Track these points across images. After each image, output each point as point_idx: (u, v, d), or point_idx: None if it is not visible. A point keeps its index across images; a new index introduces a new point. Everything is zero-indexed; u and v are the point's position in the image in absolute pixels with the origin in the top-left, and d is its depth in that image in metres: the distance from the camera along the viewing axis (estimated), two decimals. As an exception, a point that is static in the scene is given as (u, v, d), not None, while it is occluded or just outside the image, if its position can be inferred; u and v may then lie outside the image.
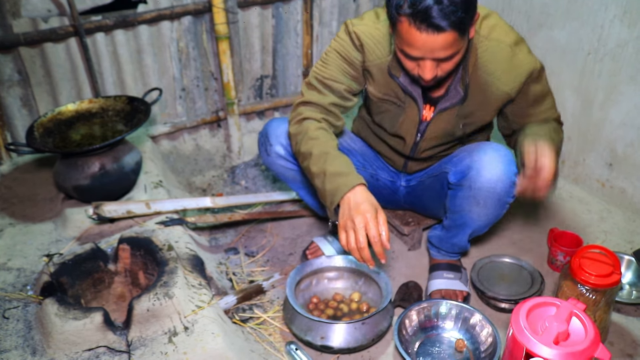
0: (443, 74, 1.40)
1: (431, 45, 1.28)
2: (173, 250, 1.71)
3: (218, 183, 2.66)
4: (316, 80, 1.59)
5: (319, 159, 1.43)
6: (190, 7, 2.40)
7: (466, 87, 1.53)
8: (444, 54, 1.31)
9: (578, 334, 1.29)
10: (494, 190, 1.49)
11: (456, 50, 1.33)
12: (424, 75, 1.38)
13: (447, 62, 1.36)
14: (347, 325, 1.56)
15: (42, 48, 2.23)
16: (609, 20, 2.00)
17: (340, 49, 1.58)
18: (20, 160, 2.34)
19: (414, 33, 1.27)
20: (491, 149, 1.50)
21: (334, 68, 1.58)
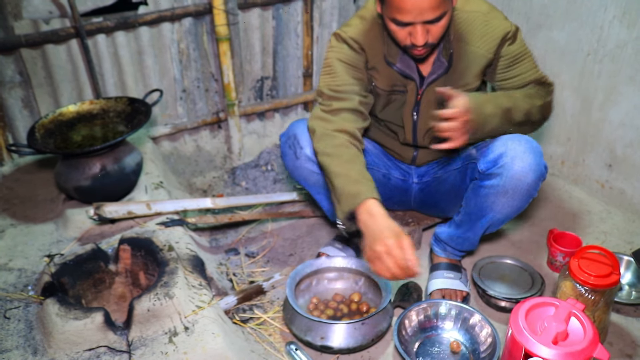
0: (433, 40, 1.46)
1: (420, 5, 1.35)
2: (173, 250, 1.71)
3: (218, 184, 2.66)
4: (331, 90, 1.60)
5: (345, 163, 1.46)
6: (191, 8, 2.41)
7: (450, 55, 1.59)
8: (432, 15, 1.38)
9: (577, 334, 1.29)
10: (525, 180, 1.50)
11: (444, 11, 1.40)
12: (416, 41, 1.43)
13: (436, 25, 1.42)
14: (347, 326, 1.57)
15: (43, 49, 2.24)
16: (608, 21, 2.00)
17: (342, 57, 1.61)
18: (22, 161, 2.34)
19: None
20: (525, 140, 1.52)
21: (344, 76, 1.61)
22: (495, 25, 1.57)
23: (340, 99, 1.60)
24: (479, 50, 1.59)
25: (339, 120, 1.56)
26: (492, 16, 1.58)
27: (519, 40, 1.60)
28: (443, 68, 1.62)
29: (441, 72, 1.62)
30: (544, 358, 1.23)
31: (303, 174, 1.74)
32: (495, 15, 1.58)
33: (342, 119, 1.57)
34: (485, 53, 1.59)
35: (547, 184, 2.40)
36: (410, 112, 1.71)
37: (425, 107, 1.69)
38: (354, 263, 1.81)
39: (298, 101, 2.86)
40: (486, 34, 1.57)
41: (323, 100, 1.62)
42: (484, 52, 1.59)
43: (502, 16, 1.59)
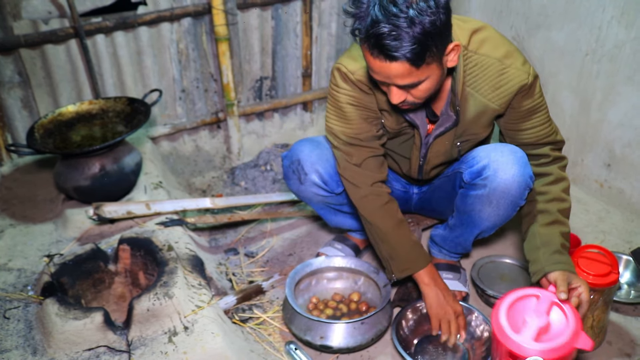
0: (415, 100, 1.36)
1: (386, 72, 1.26)
2: (173, 250, 1.71)
3: (218, 184, 2.66)
4: (350, 138, 1.56)
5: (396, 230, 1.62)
6: (190, 8, 2.41)
7: (457, 111, 1.50)
8: (401, 82, 1.28)
9: (559, 325, 1.28)
10: (509, 191, 1.48)
11: (417, 80, 1.28)
12: (390, 99, 1.35)
13: (414, 89, 1.32)
14: (347, 325, 1.57)
15: (42, 50, 2.24)
16: (606, 21, 2.01)
17: (354, 102, 1.52)
18: (21, 161, 2.34)
19: (370, 58, 1.26)
20: (508, 150, 1.49)
21: (360, 123, 1.54)
22: (511, 76, 1.42)
23: (362, 146, 1.56)
24: (491, 104, 1.47)
25: (368, 172, 1.59)
26: (508, 63, 1.42)
27: (536, 92, 1.47)
28: (451, 121, 1.52)
29: (449, 125, 1.54)
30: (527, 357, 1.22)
31: (308, 196, 1.78)
32: (513, 63, 1.42)
33: (370, 170, 1.60)
34: (497, 107, 1.47)
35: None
36: (418, 156, 1.66)
37: (434, 156, 1.64)
38: (353, 263, 1.81)
39: (297, 101, 2.86)
40: (500, 86, 1.44)
41: (341, 145, 1.58)
42: (496, 105, 1.47)
43: (520, 62, 1.43)
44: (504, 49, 1.43)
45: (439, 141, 1.60)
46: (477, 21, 1.47)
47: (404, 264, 1.62)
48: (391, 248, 1.63)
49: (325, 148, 1.73)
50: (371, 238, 1.68)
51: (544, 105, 1.51)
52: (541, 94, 1.50)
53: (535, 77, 1.45)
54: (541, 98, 1.49)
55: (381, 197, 1.61)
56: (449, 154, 1.65)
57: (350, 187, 1.62)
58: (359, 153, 1.57)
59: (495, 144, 1.56)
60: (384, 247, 1.65)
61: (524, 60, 1.46)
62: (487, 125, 1.57)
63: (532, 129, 1.51)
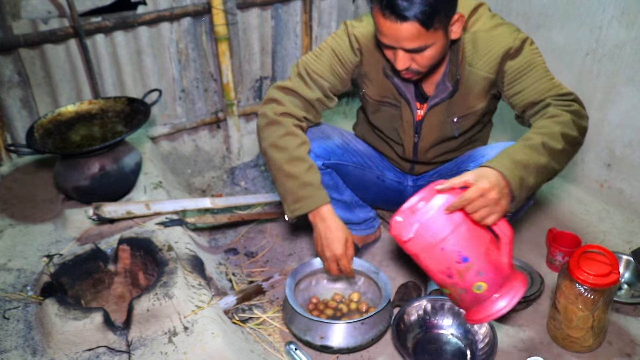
0: (419, 68, 1.42)
1: (395, 33, 1.32)
2: (173, 250, 1.71)
3: (217, 184, 2.66)
4: (305, 71, 1.60)
5: (295, 160, 1.51)
6: (190, 8, 2.41)
7: (457, 81, 1.53)
8: (409, 45, 1.34)
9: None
10: None
11: (424, 44, 1.34)
12: (396, 65, 1.41)
13: (419, 55, 1.38)
14: (347, 325, 1.57)
15: (42, 49, 2.24)
16: (607, 21, 2.01)
17: (337, 48, 1.59)
18: (20, 161, 2.34)
19: (381, 20, 1.32)
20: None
21: (325, 65, 1.59)
22: (497, 42, 1.47)
23: (306, 83, 1.59)
24: (480, 72, 1.51)
25: (289, 103, 1.57)
26: (495, 33, 1.47)
27: (525, 52, 1.46)
28: (447, 92, 1.56)
29: (445, 97, 1.57)
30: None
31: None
32: (499, 32, 1.47)
33: (291, 102, 1.58)
34: (486, 74, 1.51)
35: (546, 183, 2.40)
36: (412, 132, 1.68)
37: (428, 129, 1.66)
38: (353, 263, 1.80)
39: (297, 101, 2.86)
40: (487, 53, 1.48)
41: (293, 74, 1.62)
42: (484, 73, 1.51)
43: (507, 31, 1.47)
44: (492, 22, 1.50)
45: (432, 113, 1.62)
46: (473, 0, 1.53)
47: (293, 203, 1.53)
48: (282, 185, 1.54)
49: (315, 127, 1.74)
50: (270, 174, 1.62)
51: (538, 62, 1.47)
52: (533, 52, 1.47)
53: (523, 41, 1.46)
54: (533, 56, 1.47)
55: (286, 127, 1.54)
56: (443, 129, 1.64)
57: (266, 106, 1.59)
58: (299, 87, 1.58)
59: (504, 142, 1.56)
60: (277, 183, 1.57)
61: (514, 29, 1.49)
62: (481, 96, 1.57)
63: (528, 88, 1.46)
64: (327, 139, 1.72)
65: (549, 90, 1.44)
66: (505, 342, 1.64)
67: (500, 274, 1.32)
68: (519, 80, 1.47)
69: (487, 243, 1.30)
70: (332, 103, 1.66)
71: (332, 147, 1.73)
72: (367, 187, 1.86)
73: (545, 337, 1.65)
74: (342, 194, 1.84)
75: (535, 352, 1.60)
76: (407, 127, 1.67)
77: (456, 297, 1.36)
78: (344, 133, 1.83)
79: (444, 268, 1.30)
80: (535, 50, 1.48)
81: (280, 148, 1.52)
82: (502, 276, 1.32)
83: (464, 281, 1.31)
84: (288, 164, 1.51)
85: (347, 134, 1.85)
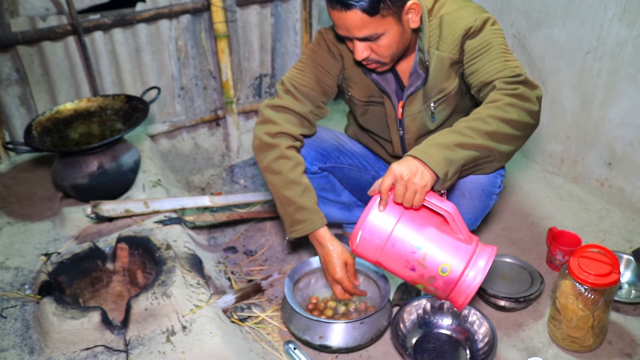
0: (379, 58, 1.45)
1: (344, 23, 1.35)
2: (171, 249, 1.70)
3: (217, 182, 2.65)
4: (292, 86, 1.61)
5: (290, 184, 1.54)
6: (189, 5, 2.40)
7: (426, 67, 1.54)
8: (359, 34, 1.37)
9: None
10: (477, 181, 1.49)
11: (374, 32, 1.36)
12: (355, 55, 1.43)
13: (375, 44, 1.40)
14: (346, 325, 1.56)
15: (40, 47, 2.23)
16: (608, 19, 2.00)
17: (317, 58, 1.61)
18: (19, 159, 2.33)
19: (330, 11, 1.36)
20: None
21: (310, 76, 1.61)
22: (459, 23, 1.47)
23: (295, 98, 1.60)
24: (445, 54, 1.51)
25: (283, 121, 1.57)
26: (458, 15, 1.48)
27: (485, 32, 1.44)
28: (421, 79, 1.57)
29: (419, 84, 1.58)
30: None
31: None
32: (462, 14, 1.47)
33: (286, 120, 1.58)
34: (449, 55, 1.51)
35: (546, 182, 2.40)
36: (396, 127, 1.69)
37: (410, 120, 1.66)
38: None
39: (297, 99, 2.85)
40: (450, 34, 1.49)
41: (280, 91, 1.63)
42: (448, 54, 1.51)
43: (470, 11, 1.47)
44: (456, 5, 1.50)
45: (410, 101, 1.62)
46: None
47: (290, 226, 1.57)
48: (279, 208, 1.59)
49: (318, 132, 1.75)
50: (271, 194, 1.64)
51: (496, 43, 1.43)
52: (493, 33, 1.44)
53: (484, 21, 1.45)
54: (492, 36, 1.44)
55: (279, 150, 1.55)
56: (423, 117, 1.64)
57: (260, 127, 1.59)
58: (290, 102, 1.60)
59: None
60: (276, 205, 1.61)
61: (478, 10, 1.48)
62: (451, 76, 1.56)
63: (481, 68, 1.43)
64: (322, 143, 1.73)
65: (499, 72, 1.39)
66: (505, 342, 1.64)
67: (460, 250, 1.29)
68: (474, 60, 1.45)
69: (436, 225, 1.31)
70: (325, 112, 1.68)
71: (327, 151, 1.74)
72: (363, 188, 1.86)
73: (545, 337, 1.64)
74: (339, 196, 1.84)
75: (535, 351, 1.59)
76: (391, 123, 1.68)
77: (430, 288, 1.34)
78: (339, 135, 1.83)
79: (404, 262, 1.31)
80: (495, 30, 1.45)
81: (275, 172, 1.55)
82: (463, 252, 1.29)
83: (427, 269, 1.30)
84: (283, 188, 1.55)
85: (341, 135, 1.86)
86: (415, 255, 1.29)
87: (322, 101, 1.65)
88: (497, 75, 1.39)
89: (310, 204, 1.55)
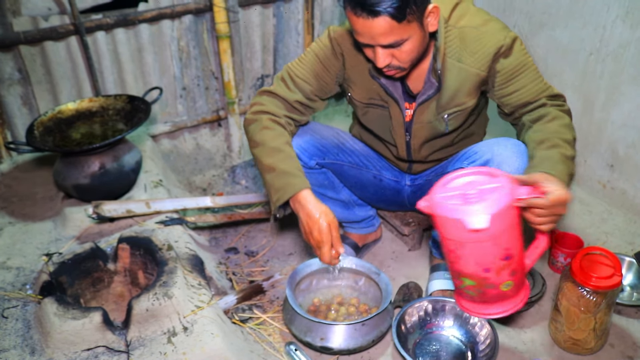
0: (400, 64, 1.42)
1: (369, 30, 1.32)
2: (173, 250, 1.70)
3: (218, 182, 2.65)
4: (288, 75, 1.62)
5: (271, 152, 1.51)
6: (191, 6, 2.40)
7: (439, 76, 1.53)
8: (385, 41, 1.34)
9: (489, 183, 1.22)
10: None
11: (399, 38, 1.34)
12: (376, 63, 1.41)
13: (398, 50, 1.37)
14: (347, 327, 1.56)
15: (42, 46, 2.23)
16: (611, 20, 1.99)
17: (320, 53, 1.60)
18: (20, 159, 2.33)
19: (354, 18, 1.32)
20: (511, 143, 1.49)
21: (308, 69, 1.61)
22: (488, 39, 1.46)
23: (287, 86, 1.62)
24: (471, 69, 1.50)
25: (268, 103, 1.59)
26: (485, 30, 1.47)
27: (516, 51, 1.48)
28: (434, 88, 1.56)
29: (432, 93, 1.57)
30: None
31: None
32: (489, 29, 1.47)
33: (271, 103, 1.60)
34: (477, 71, 1.50)
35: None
36: (403, 132, 1.67)
37: (418, 127, 1.65)
38: (354, 263, 1.80)
39: (298, 99, 2.85)
40: (478, 50, 1.48)
41: (276, 78, 1.64)
42: (476, 70, 1.50)
43: (497, 27, 1.48)
44: (480, 18, 1.49)
45: (421, 110, 1.61)
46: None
47: (274, 194, 1.48)
48: (264, 180, 1.53)
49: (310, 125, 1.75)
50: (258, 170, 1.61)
51: (530, 63, 1.50)
52: (524, 53, 1.49)
53: (513, 39, 1.48)
54: (525, 57, 1.49)
55: (261, 123, 1.55)
56: (434, 125, 1.64)
57: (249, 110, 1.62)
58: (281, 90, 1.61)
59: (497, 138, 1.55)
60: (262, 180, 1.55)
61: (503, 26, 1.49)
62: (472, 93, 1.57)
63: (522, 89, 1.49)
64: (321, 139, 1.72)
65: (543, 92, 1.49)
66: (507, 344, 1.63)
67: (523, 275, 1.33)
68: (512, 80, 1.49)
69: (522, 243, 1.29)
70: (317, 105, 1.67)
71: (326, 147, 1.73)
72: (364, 187, 1.86)
73: (547, 339, 1.64)
74: (338, 193, 1.83)
75: (537, 354, 1.59)
76: (397, 127, 1.67)
77: (476, 290, 1.31)
78: (340, 133, 1.83)
79: (488, 260, 1.24)
80: (525, 50, 1.50)
81: (258, 143, 1.54)
82: (523, 277, 1.34)
83: (497, 278, 1.27)
84: (266, 156, 1.51)
85: (343, 134, 1.85)
86: (501, 262, 1.24)
87: (318, 96, 1.65)
88: (542, 94, 1.48)
89: (292, 169, 1.48)
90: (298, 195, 1.45)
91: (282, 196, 1.46)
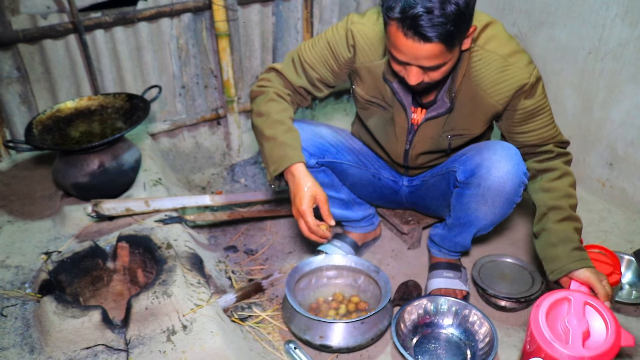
0: (430, 82, 1.38)
1: (416, 53, 1.27)
2: (172, 248, 1.70)
3: (217, 181, 2.65)
4: (298, 58, 1.61)
5: (274, 123, 1.52)
6: (190, 4, 2.39)
7: (452, 98, 1.50)
8: (428, 63, 1.30)
9: (599, 326, 1.28)
10: (503, 189, 1.48)
11: (442, 62, 1.31)
12: (408, 80, 1.37)
13: (434, 71, 1.34)
14: (346, 325, 1.56)
15: (41, 45, 2.22)
16: (610, 19, 1.99)
17: (332, 41, 1.57)
18: (19, 158, 2.33)
19: (401, 38, 1.26)
20: (501, 147, 1.49)
21: (318, 56, 1.59)
22: (513, 74, 1.43)
23: (295, 69, 1.62)
24: (490, 99, 1.47)
25: (275, 81, 1.62)
26: (512, 62, 1.43)
27: (538, 94, 1.47)
28: (445, 108, 1.54)
29: (442, 112, 1.55)
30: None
31: None
32: (516, 61, 1.43)
33: (278, 82, 1.61)
34: (494, 103, 1.48)
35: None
36: (404, 138, 1.67)
37: (420, 139, 1.64)
38: (353, 261, 1.80)
39: (298, 98, 2.85)
40: (500, 82, 1.44)
41: (286, 58, 1.64)
42: (494, 101, 1.48)
43: (524, 62, 1.44)
44: (510, 48, 1.44)
45: (428, 125, 1.60)
46: (487, 16, 1.48)
47: (272, 165, 1.51)
48: (263, 150, 1.55)
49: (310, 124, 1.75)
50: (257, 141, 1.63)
51: (548, 107, 1.51)
52: (544, 95, 1.49)
53: (537, 79, 1.46)
54: (544, 100, 1.49)
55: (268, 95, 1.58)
56: (436, 142, 1.64)
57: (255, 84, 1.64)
58: (289, 73, 1.61)
59: (487, 141, 1.56)
60: (261, 150, 1.58)
61: (529, 62, 1.45)
62: (483, 123, 1.57)
63: (535, 131, 1.52)
64: (320, 138, 1.72)
65: (553, 138, 1.55)
66: (506, 342, 1.63)
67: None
68: (528, 122, 1.51)
69: None
70: (320, 93, 1.67)
71: (325, 146, 1.72)
72: (363, 186, 1.86)
73: (546, 337, 1.64)
74: (338, 192, 1.83)
75: (536, 352, 1.59)
76: (399, 133, 1.66)
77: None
78: (339, 132, 1.83)
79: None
80: (545, 92, 1.51)
81: (262, 114, 1.55)
82: None
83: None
84: (268, 127, 1.52)
85: (342, 132, 1.85)
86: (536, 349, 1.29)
87: (324, 83, 1.63)
88: (551, 141, 1.55)
89: (292, 142, 1.50)
90: (292, 167, 1.47)
91: (279, 167, 1.48)
